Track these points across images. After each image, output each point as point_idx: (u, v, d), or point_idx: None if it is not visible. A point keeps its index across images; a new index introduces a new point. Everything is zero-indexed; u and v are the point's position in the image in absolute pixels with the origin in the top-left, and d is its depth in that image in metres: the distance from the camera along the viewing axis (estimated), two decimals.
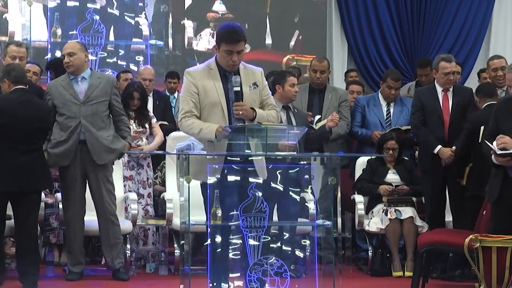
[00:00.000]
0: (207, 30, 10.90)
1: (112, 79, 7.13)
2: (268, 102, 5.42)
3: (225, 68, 5.29)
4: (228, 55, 5.23)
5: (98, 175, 6.88)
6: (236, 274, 5.27)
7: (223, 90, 5.28)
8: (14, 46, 6.89)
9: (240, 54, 5.25)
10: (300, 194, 6.60)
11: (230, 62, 5.24)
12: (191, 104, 5.27)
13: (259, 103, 5.38)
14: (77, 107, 6.83)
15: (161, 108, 8.72)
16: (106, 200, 6.89)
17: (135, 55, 9.98)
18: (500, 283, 5.55)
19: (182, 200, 5.18)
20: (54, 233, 7.52)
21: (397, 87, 8.13)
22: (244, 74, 5.34)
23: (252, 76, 5.37)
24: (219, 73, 5.31)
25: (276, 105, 5.52)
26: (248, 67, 5.40)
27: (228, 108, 5.25)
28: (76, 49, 6.93)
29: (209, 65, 5.36)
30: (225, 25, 5.32)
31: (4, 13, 9.96)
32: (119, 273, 6.90)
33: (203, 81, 5.29)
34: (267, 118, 5.29)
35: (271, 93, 5.55)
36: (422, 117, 7.32)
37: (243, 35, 5.24)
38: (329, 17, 11.21)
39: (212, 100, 5.26)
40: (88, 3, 9.82)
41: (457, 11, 11.25)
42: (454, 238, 6.02)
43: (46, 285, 6.80)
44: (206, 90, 5.27)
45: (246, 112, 5.20)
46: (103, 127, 6.90)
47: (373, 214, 7.58)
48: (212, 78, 5.30)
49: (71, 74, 6.92)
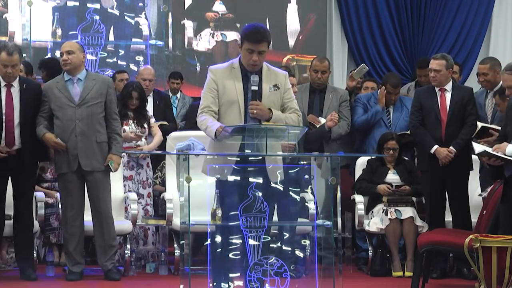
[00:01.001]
0: (207, 30, 10.90)
1: (107, 80, 7.10)
2: (289, 106, 5.41)
3: (246, 67, 5.32)
4: (249, 53, 5.26)
5: (96, 177, 6.87)
6: (236, 274, 5.27)
7: (242, 89, 5.30)
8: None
9: (261, 55, 5.27)
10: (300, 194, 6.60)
11: (250, 61, 5.27)
12: (210, 99, 5.30)
13: (280, 106, 5.38)
14: (73, 110, 6.83)
15: (161, 108, 8.72)
16: (102, 202, 6.88)
17: (135, 55, 9.97)
18: (500, 283, 5.55)
19: (182, 200, 5.18)
20: (54, 233, 7.53)
21: (397, 92, 8.14)
22: (267, 75, 5.36)
23: (275, 78, 5.39)
24: (241, 73, 5.34)
25: (299, 110, 5.51)
26: (272, 70, 5.43)
27: (245, 107, 5.28)
28: (75, 48, 6.93)
29: (232, 64, 5.39)
30: (251, 24, 5.36)
31: (4, 13, 9.96)
32: (111, 272, 6.90)
33: (224, 79, 5.32)
34: (285, 120, 5.29)
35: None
36: (421, 117, 7.31)
37: (266, 36, 5.27)
38: (329, 17, 11.22)
39: (230, 98, 5.29)
40: (88, 3, 9.83)
41: (457, 11, 11.25)
42: (454, 238, 6.02)
43: (46, 285, 6.80)
44: (225, 87, 5.31)
45: (261, 112, 5.21)
46: (99, 130, 6.88)
47: (373, 214, 7.58)
48: (233, 76, 5.33)
49: (68, 73, 6.91)
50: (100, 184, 6.88)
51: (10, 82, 6.83)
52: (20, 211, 6.87)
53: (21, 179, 6.83)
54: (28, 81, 7.13)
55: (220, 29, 10.88)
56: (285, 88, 5.41)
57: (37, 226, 7.16)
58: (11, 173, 6.82)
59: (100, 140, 6.87)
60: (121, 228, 7.11)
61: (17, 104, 6.81)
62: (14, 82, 6.84)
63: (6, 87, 6.80)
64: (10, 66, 6.77)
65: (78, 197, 6.88)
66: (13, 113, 6.79)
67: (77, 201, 6.87)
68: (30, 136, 6.81)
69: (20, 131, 6.79)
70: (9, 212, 6.95)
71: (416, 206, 7.58)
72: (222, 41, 10.85)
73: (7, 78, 6.80)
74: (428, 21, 11.24)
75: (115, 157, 6.94)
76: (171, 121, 8.62)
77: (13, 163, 6.75)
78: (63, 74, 6.95)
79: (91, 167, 6.83)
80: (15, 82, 6.84)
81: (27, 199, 6.90)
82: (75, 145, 6.81)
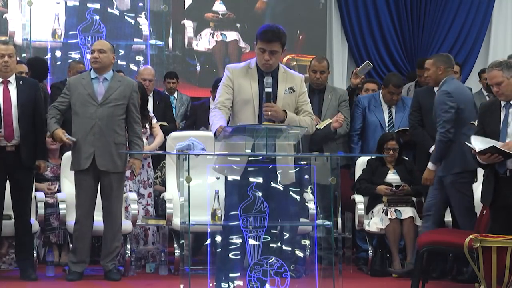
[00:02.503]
0: (207, 30, 10.90)
1: (133, 83, 7.05)
2: (304, 109, 5.45)
3: (260, 67, 5.35)
4: (261, 53, 5.30)
5: (111, 178, 6.85)
6: (236, 274, 5.27)
7: (257, 89, 5.34)
8: (1, 44, 6.84)
9: (274, 55, 5.30)
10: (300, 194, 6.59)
11: (263, 60, 5.31)
12: (225, 96, 5.35)
13: (295, 109, 5.40)
14: (94, 108, 6.80)
15: (162, 108, 8.72)
16: (114, 204, 6.87)
17: (135, 55, 9.99)
18: (500, 283, 5.55)
19: (182, 200, 5.18)
20: (54, 233, 7.53)
21: (399, 92, 8.14)
22: (282, 77, 5.39)
23: (291, 81, 5.41)
24: (257, 73, 5.37)
25: (313, 113, 5.54)
26: (289, 72, 5.46)
27: (259, 107, 5.30)
28: (107, 47, 6.92)
29: (249, 64, 5.43)
30: (266, 24, 5.43)
31: (4, 13, 9.96)
32: (111, 273, 6.89)
33: (240, 78, 5.37)
34: (299, 122, 5.32)
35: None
36: (420, 117, 7.32)
37: (278, 36, 5.29)
38: (329, 17, 11.22)
39: (245, 98, 5.33)
40: (88, 3, 9.83)
41: (457, 11, 11.26)
42: (454, 238, 6.02)
43: (46, 285, 6.80)
44: (241, 86, 5.34)
45: (275, 114, 5.23)
46: (117, 131, 6.85)
47: (373, 214, 7.58)
48: (249, 76, 5.37)
49: (95, 72, 6.88)
50: (114, 185, 6.87)
51: (7, 75, 6.81)
52: (19, 211, 6.86)
53: (19, 178, 6.82)
54: (25, 78, 7.13)
55: (220, 29, 10.89)
56: (300, 91, 5.45)
57: (37, 226, 7.16)
58: (9, 172, 6.81)
59: (118, 142, 6.85)
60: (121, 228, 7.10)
61: (15, 99, 6.80)
62: (11, 79, 6.84)
63: (3, 84, 6.80)
64: (7, 55, 6.77)
65: (91, 196, 6.85)
66: (11, 108, 6.78)
67: (89, 200, 6.84)
68: (29, 131, 6.81)
69: (18, 126, 6.78)
70: (9, 212, 6.95)
71: (416, 206, 7.58)
72: (222, 41, 10.85)
73: (4, 70, 6.78)
74: (428, 21, 11.25)
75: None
76: (171, 121, 8.62)
77: (11, 161, 6.74)
78: (90, 71, 6.94)
79: (106, 168, 6.80)
80: (11, 79, 6.84)
81: (26, 198, 6.89)
82: (92, 144, 6.78)
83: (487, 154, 5.75)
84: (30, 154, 6.83)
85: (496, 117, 5.94)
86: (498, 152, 5.71)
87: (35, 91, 6.93)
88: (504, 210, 5.86)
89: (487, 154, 5.75)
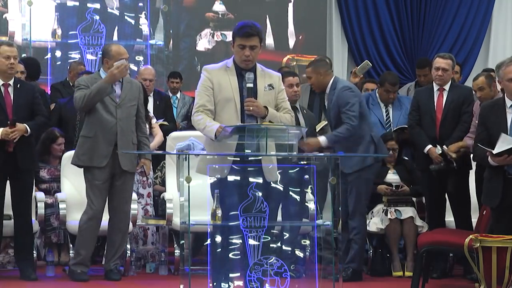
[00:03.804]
0: (207, 30, 10.90)
1: (138, 84, 7.13)
2: (283, 106, 5.45)
3: (240, 64, 5.34)
4: (241, 49, 5.29)
5: (127, 178, 6.87)
6: (236, 274, 5.27)
7: (237, 86, 5.33)
8: (6, 46, 6.81)
9: (253, 51, 5.30)
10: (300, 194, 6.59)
11: (243, 57, 5.30)
12: (205, 98, 5.32)
13: (274, 106, 5.40)
14: (114, 108, 6.81)
15: (162, 108, 8.72)
16: (126, 203, 6.89)
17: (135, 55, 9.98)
18: (500, 283, 5.55)
19: (182, 200, 5.18)
20: (55, 232, 7.53)
21: (395, 91, 8.14)
22: (261, 75, 5.39)
23: (269, 79, 5.42)
24: (236, 71, 5.36)
25: (292, 110, 5.54)
26: (266, 71, 5.46)
27: (241, 104, 5.29)
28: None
29: (226, 64, 5.43)
30: (241, 22, 5.43)
31: (4, 13, 9.96)
32: (112, 273, 6.88)
33: (219, 77, 5.35)
34: (280, 119, 5.32)
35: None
36: (418, 116, 7.32)
37: (256, 30, 5.31)
38: (329, 17, 11.22)
39: (226, 96, 5.31)
40: (88, 3, 9.83)
41: (457, 11, 11.26)
42: (454, 238, 6.02)
43: (46, 285, 6.80)
44: (221, 85, 5.33)
45: (257, 109, 5.24)
46: (134, 131, 6.89)
47: (373, 214, 7.58)
48: (228, 75, 5.36)
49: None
50: (129, 185, 6.91)
51: (11, 77, 6.82)
52: (19, 211, 6.86)
53: (19, 178, 6.82)
54: (22, 82, 7.12)
55: (220, 29, 10.89)
56: (279, 88, 5.45)
57: (37, 226, 7.16)
58: (9, 174, 6.81)
59: (135, 142, 6.90)
60: None
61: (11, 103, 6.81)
62: (11, 82, 6.84)
63: (4, 87, 6.80)
64: (13, 57, 6.78)
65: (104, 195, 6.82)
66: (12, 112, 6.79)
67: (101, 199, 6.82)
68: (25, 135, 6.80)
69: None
70: (9, 212, 6.95)
71: (416, 206, 7.58)
72: (222, 41, 10.86)
73: (10, 72, 6.79)
74: (428, 21, 11.25)
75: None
76: (171, 121, 8.62)
77: (11, 162, 6.74)
78: (99, 72, 6.89)
79: (128, 167, 6.83)
80: (11, 82, 6.85)
81: (26, 198, 6.89)
82: (112, 143, 6.76)
83: (503, 155, 5.69)
84: (27, 157, 6.81)
85: (502, 117, 5.88)
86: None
87: (32, 95, 6.93)
88: (509, 211, 5.83)
89: (503, 156, 5.69)
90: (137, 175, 7.75)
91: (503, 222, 5.84)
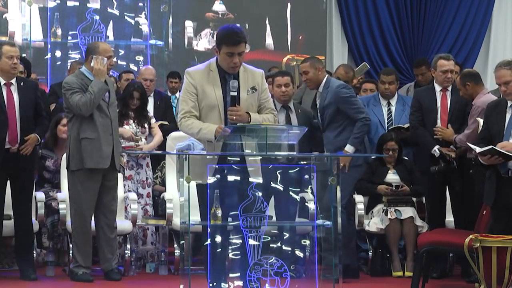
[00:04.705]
0: (207, 30, 10.90)
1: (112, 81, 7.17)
2: (266, 106, 5.42)
3: (226, 70, 5.29)
4: (229, 57, 5.22)
5: (116, 177, 6.91)
6: (236, 274, 5.27)
7: (221, 93, 5.27)
8: (8, 46, 6.81)
9: (241, 56, 5.25)
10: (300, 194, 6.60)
11: (231, 64, 5.24)
12: (191, 104, 5.28)
13: (257, 106, 5.38)
14: (106, 108, 6.83)
15: (162, 108, 8.73)
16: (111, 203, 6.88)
17: (135, 55, 9.99)
18: (500, 283, 5.55)
19: (182, 200, 5.18)
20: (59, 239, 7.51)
21: (390, 81, 8.05)
22: (244, 77, 5.33)
23: (252, 79, 5.36)
24: (219, 75, 5.31)
25: (275, 109, 5.53)
26: (249, 69, 5.39)
27: (225, 111, 5.26)
28: None
29: (209, 66, 5.35)
30: (225, 27, 5.32)
31: (4, 13, 9.97)
32: (112, 273, 6.88)
33: (202, 83, 5.29)
34: (262, 122, 5.29)
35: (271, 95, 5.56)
36: (421, 117, 7.30)
37: (243, 37, 5.24)
38: (329, 17, 11.22)
39: (210, 103, 5.27)
40: (88, 3, 9.84)
41: (457, 11, 11.26)
42: (454, 238, 6.02)
43: (46, 285, 6.80)
44: (204, 92, 5.28)
45: (240, 118, 5.19)
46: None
47: (373, 214, 7.58)
48: (212, 80, 5.29)
49: None
50: (117, 183, 6.95)
51: (13, 76, 6.83)
52: (19, 211, 6.87)
53: (20, 178, 6.83)
54: (25, 80, 7.13)
55: None
56: (262, 88, 5.40)
57: (37, 226, 7.16)
58: (10, 173, 6.81)
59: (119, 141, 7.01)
60: (121, 228, 7.09)
61: (17, 102, 6.81)
62: (13, 80, 6.84)
63: (6, 86, 6.80)
64: (16, 57, 6.78)
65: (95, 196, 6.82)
66: (15, 113, 6.80)
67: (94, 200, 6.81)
68: (30, 133, 6.81)
69: (20, 128, 6.79)
70: (9, 212, 6.95)
71: (416, 206, 7.58)
72: None
73: (13, 71, 6.79)
74: (428, 21, 11.25)
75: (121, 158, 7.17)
76: (172, 121, 8.62)
77: (12, 161, 6.75)
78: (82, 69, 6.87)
79: (119, 167, 6.93)
80: (13, 81, 6.85)
81: (27, 198, 6.89)
82: (109, 143, 6.77)
83: (487, 155, 5.74)
84: (28, 157, 6.82)
85: (502, 117, 5.92)
86: (498, 154, 5.70)
87: (35, 92, 6.95)
88: (506, 210, 5.85)
89: (487, 156, 5.74)
90: (137, 176, 7.76)
91: (501, 221, 5.86)
